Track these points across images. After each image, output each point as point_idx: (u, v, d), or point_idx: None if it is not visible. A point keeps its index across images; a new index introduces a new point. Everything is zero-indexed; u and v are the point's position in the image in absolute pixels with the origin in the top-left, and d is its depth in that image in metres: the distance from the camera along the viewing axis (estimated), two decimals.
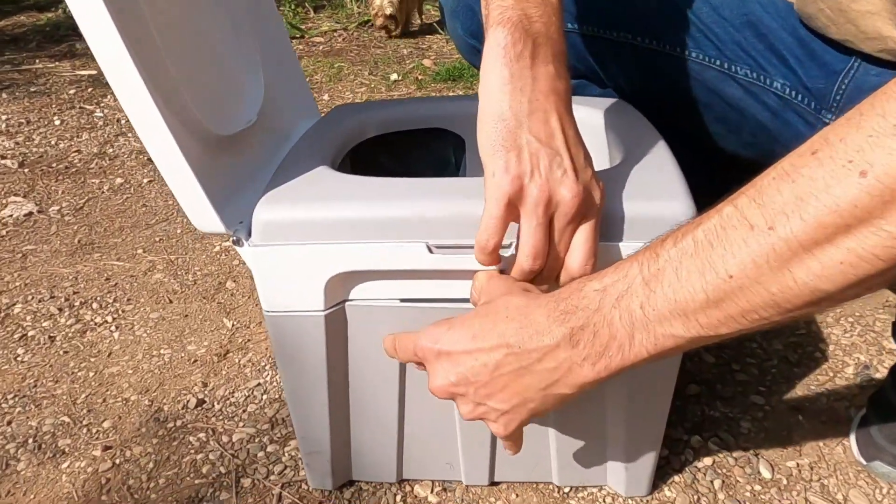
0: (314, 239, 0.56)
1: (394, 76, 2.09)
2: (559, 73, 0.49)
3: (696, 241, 0.37)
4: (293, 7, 2.88)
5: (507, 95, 0.47)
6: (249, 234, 0.57)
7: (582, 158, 0.49)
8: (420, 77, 2.09)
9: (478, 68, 0.84)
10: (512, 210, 0.47)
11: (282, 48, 0.78)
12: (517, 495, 0.70)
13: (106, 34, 0.47)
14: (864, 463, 0.71)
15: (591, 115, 0.73)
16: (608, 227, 0.53)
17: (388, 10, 2.43)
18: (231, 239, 0.57)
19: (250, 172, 0.65)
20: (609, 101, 0.75)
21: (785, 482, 0.70)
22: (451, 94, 1.93)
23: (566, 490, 0.70)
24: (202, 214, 0.55)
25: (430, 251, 0.55)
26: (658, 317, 0.39)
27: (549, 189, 0.46)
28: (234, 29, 0.71)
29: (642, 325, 0.40)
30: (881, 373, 0.85)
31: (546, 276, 0.50)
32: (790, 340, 0.91)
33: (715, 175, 0.70)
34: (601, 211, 0.50)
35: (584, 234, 0.49)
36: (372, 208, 0.56)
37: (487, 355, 0.46)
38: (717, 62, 0.66)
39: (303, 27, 2.66)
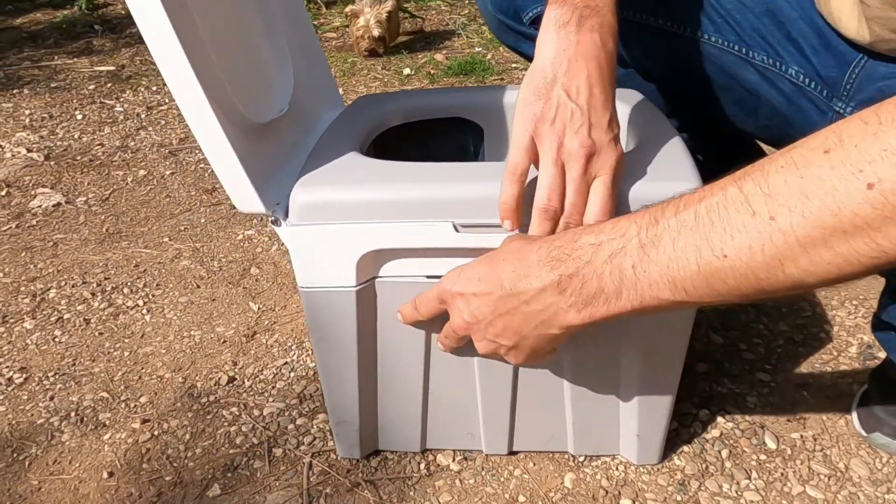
0: (347, 219, 0.60)
1: (406, 70, 2.13)
2: (604, 42, 0.54)
3: (697, 216, 0.39)
4: (306, 3, 2.92)
5: (552, 54, 0.53)
6: (286, 215, 0.61)
7: (604, 119, 0.53)
8: (432, 71, 2.12)
9: (507, 45, 0.88)
10: (532, 152, 0.54)
11: (309, 42, 0.82)
12: (534, 464, 0.73)
13: (162, 32, 0.52)
14: (865, 434, 0.74)
15: None
16: (621, 207, 0.57)
17: (376, 32, 2.14)
18: (270, 219, 0.61)
19: (283, 158, 0.69)
20: (625, 92, 0.79)
21: (789, 452, 0.74)
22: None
23: (581, 459, 0.74)
24: (244, 195, 0.59)
25: (457, 230, 0.59)
26: (648, 280, 0.42)
27: (562, 135, 0.52)
28: (266, 24, 0.75)
29: (631, 283, 0.43)
30: (884, 352, 0.88)
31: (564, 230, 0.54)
32: (796, 322, 0.95)
33: (732, 155, 0.74)
34: (618, 173, 0.54)
35: (597, 190, 0.53)
36: (401, 190, 0.60)
37: (487, 297, 0.51)
38: (736, 47, 0.69)
39: (315, 23, 2.71)
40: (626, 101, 0.75)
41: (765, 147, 0.84)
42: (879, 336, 0.71)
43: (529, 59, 0.71)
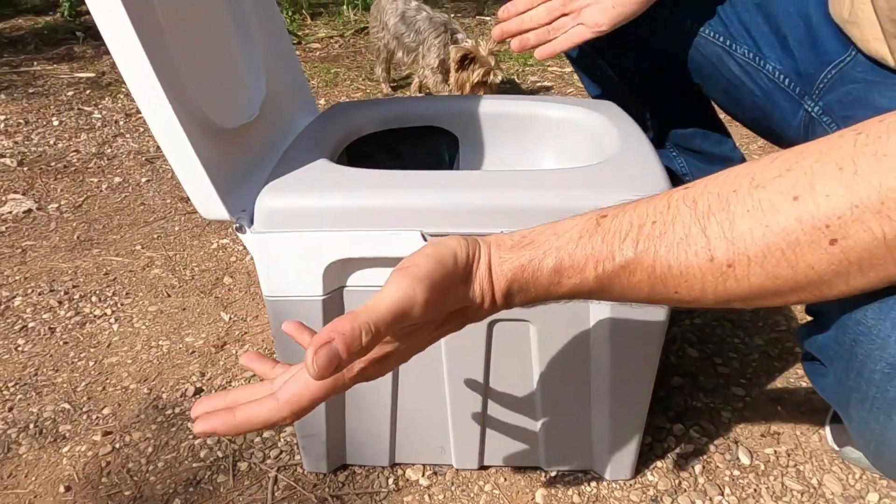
0: (314, 226, 0.58)
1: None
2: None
3: (656, 256, 0.37)
4: (291, 14, 2.91)
5: None
6: (252, 222, 0.59)
7: None
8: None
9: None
10: None
11: (282, 47, 0.81)
12: (505, 479, 0.72)
13: (122, 32, 0.50)
14: (837, 449, 0.74)
15: (581, 114, 0.76)
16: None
17: (499, 77, 1.76)
18: (234, 226, 0.60)
19: (253, 164, 0.68)
20: (598, 103, 0.78)
21: (763, 468, 0.73)
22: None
23: (553, 474, 0.72)
24: (207, 202, 0.58)
25: (425, 239, 0.58)
26: (598, 299, 0.41)
27: None
28: (237, 28, 0.74)
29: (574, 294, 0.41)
30: None
31: None
32: (771, 336, 0.94)
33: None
34: None
35: None
36: (369, 198, 0.58)
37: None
38: (721, 38, 0.70)
39: (300, 33, 2.70)
40: (603, 113, 0.74)
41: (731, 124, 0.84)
42: (806, 367, 0.69)
43: None
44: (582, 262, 0.39)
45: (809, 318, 0.51)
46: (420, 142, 0.81)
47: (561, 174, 0.63)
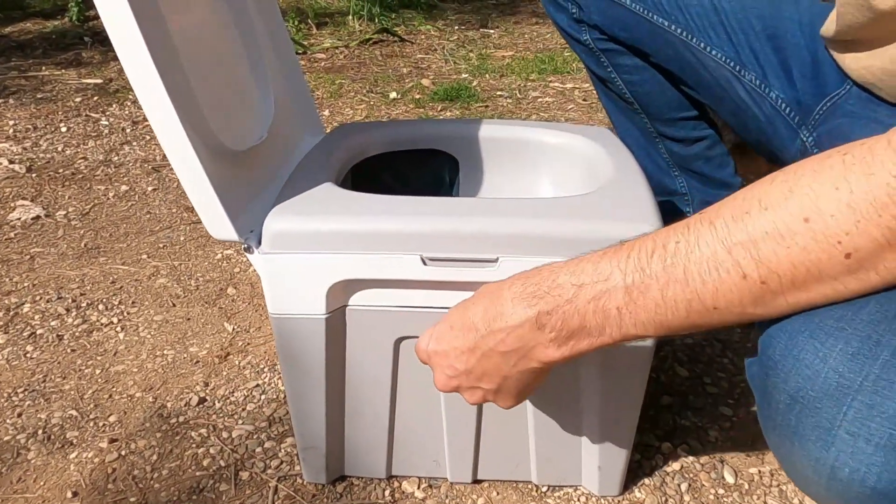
0: (318, 249, 0.61)
1: (393, 94, 2.16)
2: None
3: (686, 272, 0.41)
4: (296, 23, 2.95)
5: None
6: (259, 242, 0.62)
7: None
8: (418, 96, 2.15)
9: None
10: None
11: (291, 69, 0.84)
12: (498, 493, 0.75)
13: (139, 60, 0.53)
14: None
15: (574, 141, 0.79)
16: (583, 246, 0.59)
17: None
18: (242, 246, 0.62)
19: (260, 185, 0.70)
20: (592, 129, 0.81)
21: (747, 487, 0.76)
22: (448, 113, 1.99)
23: (544, 489, 0.75)
24: (218, 223, 0.61)
25: (424, 263, 0.61)
26: (634, 321, 0.43)
27: None
28: (247, 50, 0.77)
29: (616, 323, 0.44)
30: None
31: None
32: None
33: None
34: None
35: None
36: (371, 222, 0.61)
37: (462, 343, 0.51)
38: (731, 63, 0.73)
39: (305, 43, 2.73)
40: (595, 140, 0.77)
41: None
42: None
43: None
44: (607, 272, 0.44)
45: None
46: (422, 164, 0.84)
47: (553, 203, 0.66)
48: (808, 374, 0.39)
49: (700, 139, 0.91)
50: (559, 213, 0.61)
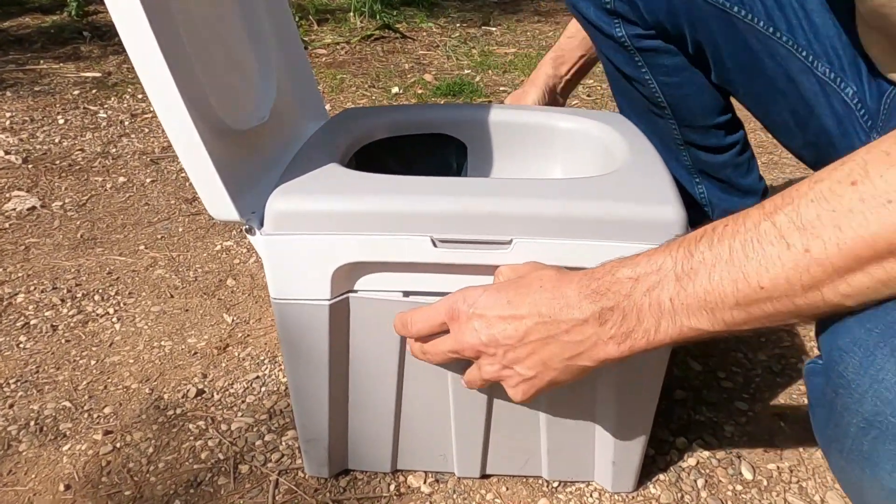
0: (323, 230, 0.58)
1: (395, 89, 2.13)
2: None
3: (731, 250, 0.40)
4: (297, 20, 2.93)
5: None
6: (261, 224, 0.60)
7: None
8: (421, 91, 2.13)
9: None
10: None
11: (294, 51, 0.81)
12: (507, 488, 0.72)
13: (141, 36, 0.51)
14: None
15: (587, 125, 0.77)
16: (604, 228, 0.57)
17: None
18: (244, 227, 0.60)
19: (263, 166, 0.68)
20: (605, 114, 0.79)
21: (765, 483, 0.73)
22: None
23: (555, 484, 0.72)
24: (218, 202, 0.58)
25: (434, 245, 0.58)
26: (686, 310, 0.42)
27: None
28: (249, 30, 0.74)
29: (669, 315, 0.43)
30: None
31: None
32: (774, 352, 0.94)
33: None
34: None
35: None
36: (379, 202, 0.59)
37: (519, 321, 0.49)
38: (804, 53, 0.67)
39: (306, 39, 2.71)
40: (609, 124, 0.75)
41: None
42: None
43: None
44: (659, 262, 0.43)
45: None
46: (429, 149, 0.81)
47: (569, 183, 0.63)
48: (888, 397, 0.35)
49: (731, 146, 0.84)
50: (576, 194, 0.59)
